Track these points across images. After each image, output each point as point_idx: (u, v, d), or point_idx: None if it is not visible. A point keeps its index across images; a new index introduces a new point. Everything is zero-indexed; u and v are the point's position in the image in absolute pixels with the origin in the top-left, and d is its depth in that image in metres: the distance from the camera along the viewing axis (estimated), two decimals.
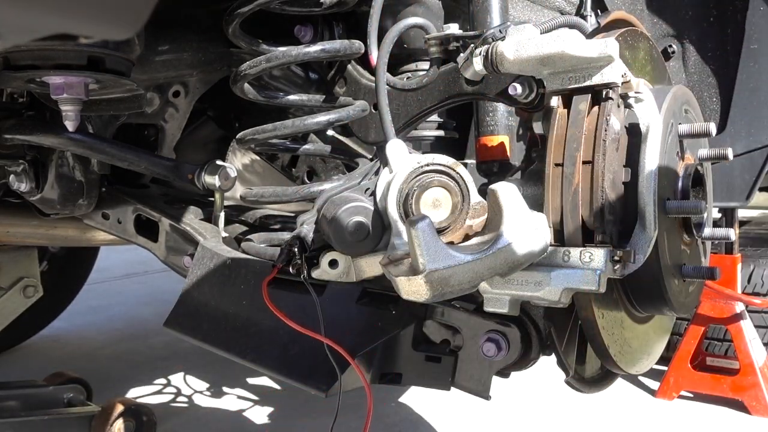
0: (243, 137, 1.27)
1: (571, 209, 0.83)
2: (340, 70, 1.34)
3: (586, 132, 0.83)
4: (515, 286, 0.84)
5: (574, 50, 0.83)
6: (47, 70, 1.05)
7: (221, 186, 1.35)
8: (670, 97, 0.94)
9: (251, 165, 2.02)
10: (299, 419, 2.60)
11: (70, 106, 1.10)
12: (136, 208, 1.53)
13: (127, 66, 1.13)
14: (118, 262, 5.62)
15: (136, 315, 4.32)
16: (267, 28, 1.25)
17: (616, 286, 0.96)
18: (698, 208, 0.91)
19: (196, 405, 2.83)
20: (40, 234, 1.90)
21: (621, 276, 0.85)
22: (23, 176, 1.49)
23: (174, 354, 3.38)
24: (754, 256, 3.03)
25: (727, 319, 2.84)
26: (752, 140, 1.56)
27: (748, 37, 1.53)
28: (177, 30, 1.32)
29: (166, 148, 1.54)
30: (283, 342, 1.10)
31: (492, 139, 1.08)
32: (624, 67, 0.86)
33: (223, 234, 1.35)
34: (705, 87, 1.60)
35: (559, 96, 0.87)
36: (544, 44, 0.85)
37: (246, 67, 1.17)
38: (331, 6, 1.18)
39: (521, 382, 2.72)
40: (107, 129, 1.46)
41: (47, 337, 3.63)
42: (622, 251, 0.82)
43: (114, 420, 2.23)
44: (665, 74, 1.07)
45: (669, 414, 2.79)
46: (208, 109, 1.69)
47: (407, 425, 2.55)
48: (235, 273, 1.20)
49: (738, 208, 2.92)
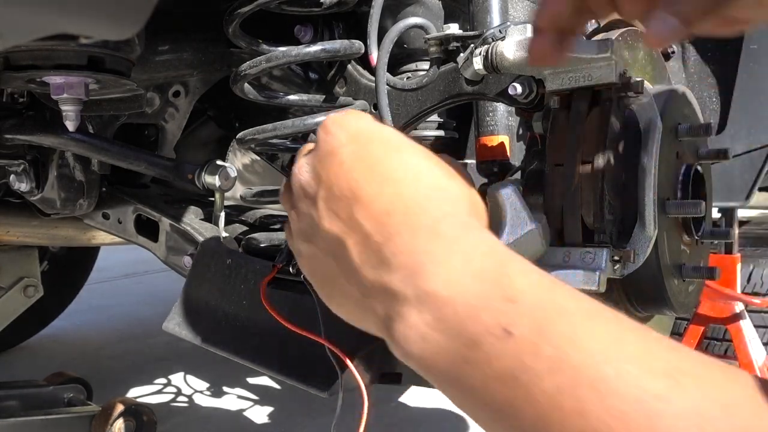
0: (243, 137, 1.27)
1: (571, 209, 0.83)
2: (340, 70, 1.34)
3: (586, 132, 0.83)
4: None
5: (574, 50, 0.83)
6: (47, 70, 1.05)
7: (221, 186, 1.35)
8: (670, 97, 0.94)
9: (251, 165, 2.02)
10: (299, 419, 2.60)
11: (71, 106, 1.10)
12: (137, 208, 1.53)
13: (127, 66, 1.13)
14: (118, 262, 5.62)
15: (136, 315, 4.32)
16: (267, 28, 1.25)
17: (616, 285, 0.96)
18: (698, 208, 0.91)
19: (196, 405, 2.84)
20: (41, 234, 1.90)
21: (621, 276, 0.85)
22: (23, 176, 1.49)
23: (174, 354, 3.38)
24: (753, 255, 3.03)
25: (726, 319, 2.84)
26: (752, 140, 1.56)
27: (748, 37, 1.53)
28: (177, 30, 1.32)
29: (166, 148, 1.54)
30: (283, 342, 1.10)
31: (492, 139, 1.08)
32: (624, 67, 0.86)
33: (223, 234, 1.35)
34: (705, 87, 1.60)
35: (559, 96, 0.87)
36: None
37: (246, 67, 1.17)
38: (331, 6, 1.18)
39: None
40: (107, 129, 1.46)
41: (47, 337, 3.63)
42: (622, 251, 0.82)
43: (114, 420, 2.23)
44: (665, 74, 1.07)
45: None
46: (208, 109, 1.69)
47: (407, 425, 2.55)
48: (235, 273, 1.20)
49: (738, 208, 2.92)
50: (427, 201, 0.54)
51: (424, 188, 0.55)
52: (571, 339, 0.44)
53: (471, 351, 0.45)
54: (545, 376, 0.43)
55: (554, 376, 0.42)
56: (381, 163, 0.56)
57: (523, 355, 0.44)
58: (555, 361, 0.43)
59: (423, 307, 0.48)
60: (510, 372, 0.44)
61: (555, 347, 0.43)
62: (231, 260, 1.21)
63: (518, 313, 0.46)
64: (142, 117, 1.46)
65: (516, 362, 0.44)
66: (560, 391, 0.42)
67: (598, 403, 0.41)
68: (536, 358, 0.43)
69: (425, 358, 0.48)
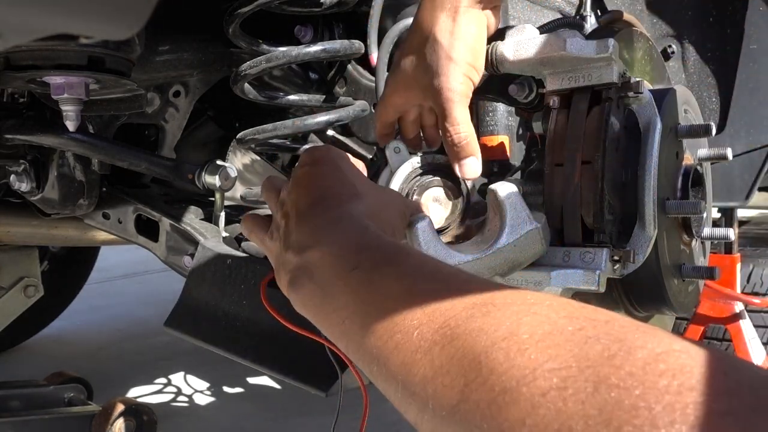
0: (243, 137, 1.27)
1: (571, 209, 0.83)
2: (340, 70, 1.34)
3: (586, 132, 0.83)
4: (515, 286, 0.84)
5: (574, 51, 0.83)
6: (48, 70, 1.05)
7: (221, 186, 1.35)
8: (670, 98, 0.94)
9: (251, 165, 2.02)
10: (299, 419, 2.60)
11: (71, 106, 1.10)
12: (137, 208, 1.53)
13: (127, 66, 1.13)
14: (118, 262, 5.62)
15: (136, 315, 4.32)
16: (267, 28, 1.25)
17: (615, 285, 0.96)
18: (698, 208, 0.91)
19: (196, 404, 2.84)
20: (41, 234, 1.90)
21: (621, 276, 0.85)
22: (24, 176, 1.49)
23: (174, 354, 3.38)
24: (753, 255, 3.03)
25: (726, 319, 2.84)
26: (752, 140, 1.56)
27: (747, 37, 1.53)
28: (177, 30, 1.32)
29: (167, 148, 1.54)
30: (283, 342, 1.10)
31: (492, 139, 1.08)
32: (624, 67, 0.86)
33: (223, 234, 1.35)
34: (704, 87, 1.60)
35: (559, 96, 0.88)
36: (544, 45, 0.86)
37: (246, 67, 1.17)
38: (331, 6, 1.18)
39: None
40: (107, 129, 1.46)
41: (47, 337, 3.63)
42: (622, 251, 0.83)
43: (114, 419, 2.24)
44: (665, 74, 1.08)
45: None
46: (209, 109, 1.69)
47: (406, 425, 2.55)
48: (236, 273, 1.20)
49: (737, 207, 2.92)
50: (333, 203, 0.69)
51: (338, 193, 0.71)
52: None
53: (327, 290, 0.61)
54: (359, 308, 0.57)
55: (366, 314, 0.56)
56: (320, 176, 0.73)
57: (359, 286, 0.58)
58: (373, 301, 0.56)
59: (303, 270, 0.65)
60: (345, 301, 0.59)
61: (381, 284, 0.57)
62: (231, 260, 1.21)
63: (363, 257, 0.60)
64: (142, 117, 1.45)
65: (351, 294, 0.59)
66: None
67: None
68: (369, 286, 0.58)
69: (302, 301, 0.65)
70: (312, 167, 0.74)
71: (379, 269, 0.58)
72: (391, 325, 0.52)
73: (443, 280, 0.55)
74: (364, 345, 0.55)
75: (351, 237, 0.64)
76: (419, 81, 0.85)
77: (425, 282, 0.55)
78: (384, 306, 0.54)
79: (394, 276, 0.57)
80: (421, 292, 0.53)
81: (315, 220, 0.68)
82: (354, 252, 0.62)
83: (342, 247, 0.63)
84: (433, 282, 0.55)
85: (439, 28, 0.83)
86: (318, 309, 0.63)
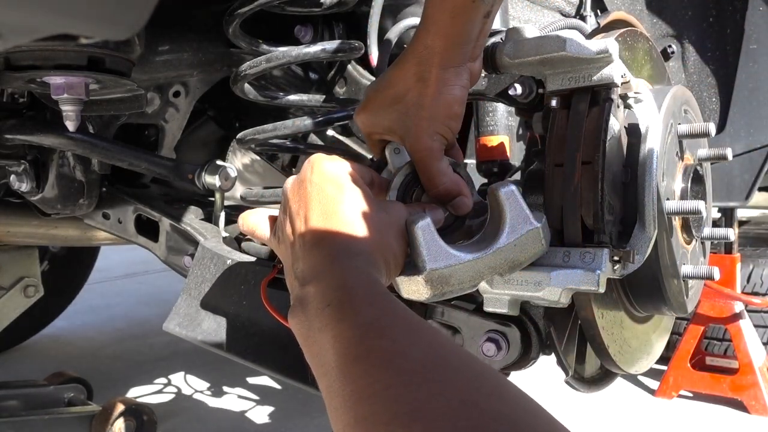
0: (243, 137, 1.27)
1: (571, 209, 0.83)
2: (340, 70, 1.34)
3: (586, 132, 0.83)
4: (515, 286, 0.84)
5: (573, 51, 0.83)
6: (48, 71, 1.05)
7: (221, 186, 1.35)
8: (670, 98, 0.94)
9: (251, 165, 2.03)
10: (299, 419, 2.60)
11: (71, 106, 1.10)
12: (137, 208, 1.52)
13: (127, 66, 1.13)
14: (118, 262, 5.63)
15: (136, 315, 4.33)
16: (267, 28, 1.25)
17: (615, 285, 0.96)
18: (697, 209, 0.91)
19: (196, 405, 2.84)
20: (41, 234, 1.90)
21: (621, 276, 0.85)
22: (24, 176, 1.49)
23: (174, 354, 3.38)
24: (753, 255, 3.04)
25: (726, 319, 2.85)
26: (752, 140, 1.56)
27: (747, 37, 1.53)
28: (177, 30, 1.32)
29: (167, 148, 1.54)
30: (283, 342, 1.10)
31: (492, 139, 1.08)
32: (623, 67, 0.86)
33: (223, 234, 1.35)
34: (704, 87, 1.60)
35: (559, 96, 0.88)
36: (543, 45, 0.86)
37: (246, 67, 1.17)
38: (331, 6, 1.18)
39: (521, 381, 2.72)
40: (108, 129, 1.46)
41: (47, 337, 3.63)
42: (622, 251, 0.82)
43: (114, 419, 2.24)
44: (665, 74, 1.08)
45: (668, 413, 2.79)
46: (209, 109, 1.69)
47: None
48: (236, 273, 1.20)
49: (737, 208, 2.92)
50: (338, 238, 0.74)
51: (342, 227, 0.74)
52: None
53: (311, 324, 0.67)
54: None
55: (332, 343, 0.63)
56: (326, 201, 0.76)
57: (336, 321, 0.64)
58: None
59: (300, 301, 0.71)
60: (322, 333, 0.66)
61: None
62: (231, 260, 1.21)
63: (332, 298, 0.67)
64: (142, 117, 1.46)
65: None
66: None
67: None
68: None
69: (295, 329, 0.71)
70: (322, 185, 0.77)
71: (343, 309, 0.65)
72: (348, 370, 0.60)
73: (391, 337, 0.61)
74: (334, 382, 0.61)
75: (336, 274, 0.69)
76: (396, 131, 0.87)
77: (375, 337, 0.62)
78: (344, 351, 0.61)
79: (351, 321, 0.64)
80: (367, 349, 0.60)
81: (318, 256, 0.72)
82: (332, 289, 0.67)
83: (328, 285, 0.68)
84: (381, 339, 0.61)
85: (417, 85, 0.84)
86: (303, 340, 0.69)
